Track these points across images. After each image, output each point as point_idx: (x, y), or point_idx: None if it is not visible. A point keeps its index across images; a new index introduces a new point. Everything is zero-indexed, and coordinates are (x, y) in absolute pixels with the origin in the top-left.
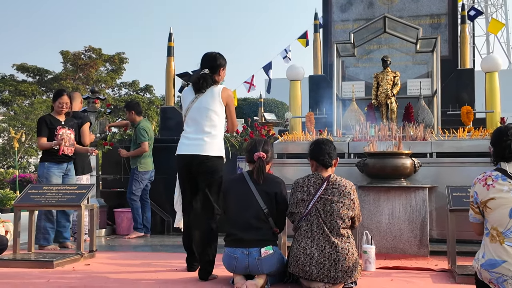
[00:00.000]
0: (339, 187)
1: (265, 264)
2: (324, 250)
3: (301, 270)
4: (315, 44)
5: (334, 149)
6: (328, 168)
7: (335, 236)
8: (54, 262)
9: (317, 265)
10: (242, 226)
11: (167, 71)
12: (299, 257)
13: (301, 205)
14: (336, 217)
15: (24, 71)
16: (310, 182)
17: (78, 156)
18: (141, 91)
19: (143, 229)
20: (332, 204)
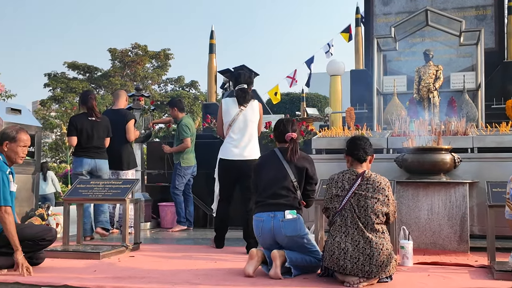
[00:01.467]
0: (373, 183)
1: (288, 226)
2: (359, 244)
3: (335, 264)
4: (357, 38)
5: (370, 145)
6: (362, 163)
7: (370, 231)
8: (100, 253)
9: (352, 259)
10: (271, 194)
11: (209, 68)
12: (334, 251)
13: (335, 200)
14: (370, 213)
15: (74, 68)
16: (345, 177)
17: (124, 152)
18: (187, 87)
19: (186, 222)
20: (366, 200)
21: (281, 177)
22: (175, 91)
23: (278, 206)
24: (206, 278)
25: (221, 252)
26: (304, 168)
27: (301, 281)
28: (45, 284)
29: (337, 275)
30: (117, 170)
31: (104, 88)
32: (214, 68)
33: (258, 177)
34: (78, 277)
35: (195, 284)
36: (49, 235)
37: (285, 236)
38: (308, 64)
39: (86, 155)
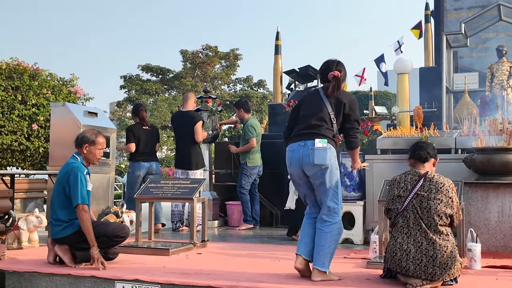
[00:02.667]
0: (436, 184)
1: (317, 154)
2: (421, 246)
3: (397, 265)
4: (426, 35)
5: (434, 149)
6: (424, 162)
7: (433, 233)
8: (170, 250)
9: (414, 261)
10: (305, 126)
11: (274, 68)
12: (396, 252)
13: (397, 201)
14: (433, 214)
15: (148, 71)
16: (407, 178)
17: (193, 152)
18: (255, 86)
19: (252, 221)
20: (428, 201)
21: (317, 110)
22: (244, 90)
23: (310, 135)
24: (270, 276)
25: (285, 251)
26: (343, 103)
27: (363, 282)
28: (118, 278)
29: (400, 277)
30: (186, 170)
31: (176, 89)
32: (279, 68)
33: (297, 113)
34: (149, 272)
35: (258, 282)
36: (123, 232)
37: (313, 164)
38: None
39: (143, 159)
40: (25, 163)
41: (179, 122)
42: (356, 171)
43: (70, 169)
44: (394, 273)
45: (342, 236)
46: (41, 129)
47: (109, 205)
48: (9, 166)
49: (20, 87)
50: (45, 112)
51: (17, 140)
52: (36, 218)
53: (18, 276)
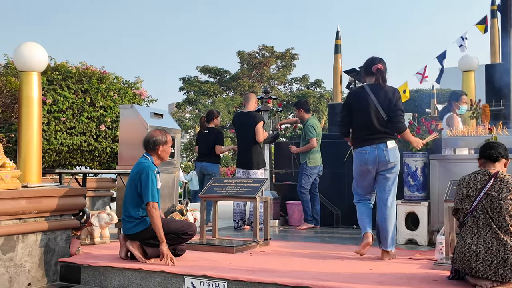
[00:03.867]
0: (507, 184)
1: (391, 154)
2: (492, 247)
3: (467, 266)
4: (493, 31)
5: (505, 149)
6: (495, 162)
7: (504, 234)
8: (234, 248)
9: (484, 262)
10: (368, 130)
11: (334, 68)
12: (465, 253)
13: (466, 201)
14: (504, 214)
15: (206, 72)
16: (477, 178)
17: (254, 152)
18: (312, 86)
19: (312, 221)
20: (499, 201)
21: (373, 114)
22: (300, 90)
23: (379, 139)
24: (334, 275)
25: (348, 250)
26: (388, 99)
27: (430, 283)
28: (187, 274)
29: (469, 278)
30: (247, 170)
31: (233, 90)
32: (339, 68)
33: (350, 114)
34: (215, 268)
35: (323, 280)
36: (191, 229)
37: (388, 161)
38: (440, 60)
39: (198, 159)
40: (94, 162)
41: (240, 123)
42: (421, 171)
43: (142, 168)
44: (463, 274)
45: (405, 237)
46: (108, 130)
47: (174, 203)
48: (79, 166)
49: (89, 90)
50: (112, 114)
51: (86, 141)
52: (108, 215)
53: (93, 270)
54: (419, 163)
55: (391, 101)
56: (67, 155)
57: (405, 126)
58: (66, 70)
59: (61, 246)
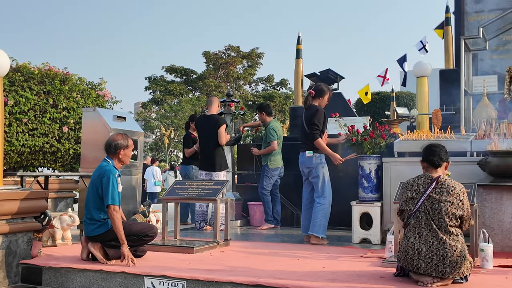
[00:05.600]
0: (448, 187)
1: (307, 161)
2: (432, 245)
3: (410, 264)
4: (447, 38)
5: (446, 152)
6: (437, 168)
7: (443, 233)
8: (194, 248)
9: (425, 259)
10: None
11: (295, 72)
12: (408, 251)
13: (410, 203)
14: (443, 215)
15: (172, 72)
16: (420, 181)
17: (217, 154)
18: (277, 86)
19: (273, 221)
20: (440, 203)
21: (302, 129)
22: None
23: (303, 148)
24: (289, 273)
25: (305, 250)
26: (310, 116)
27: (377, 279)
28: (147, 274)
29: (412, 275)
30: (210, 172)
31: (200, 90)
32: (301, 72)
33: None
34: (175, 268)
35: (277, 278)
36: (152, 231)
37: (306, 167)
38: (400, 63)
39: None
40: (56, 164)
41: (203, 126)
42: (374, 173)
43: (103, 171)
44: (407, 271)
45: (360, 236)
46: (71, 132)
47: (137, 205)
48: (41, 167)
49: (51, 91)
50: (75, 115)
51: (48, 142)
52: (69, 217)
53: (54, 272)
54: (373, 166)
55: (311, 117)
56: (29, 157)
57: (315, 137)
58: (28, 71)
59: (23, 248)
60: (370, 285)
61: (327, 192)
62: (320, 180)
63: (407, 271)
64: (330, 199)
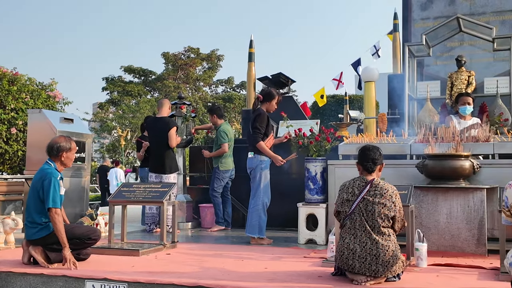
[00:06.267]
0: (381, 190)
1: (249, 161)
2: (366, 246)
3: (345, 263)
4: (395, 44)
5: (380, 155)
6: (371, 172)
7: (376, 234)
8: (140, 251)
9: (360, 259)
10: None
11: (248, 75)
12: (343, 252)
13: (346, 205)
14: (376, 217)
15: (130, 72)
16: (355, 184)
17: (167, 157)
18: (237, 88)
19: (224, 223)
20: (373, 205)
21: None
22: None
23: (249, 150)
24: (231, 274)
25: (251, 251)
26: (252, 120)
27: (316, 278)
28: (88, 277)
29: (348, 274)
30: (160, 174)
31: (158, 91)
32: (253, 76)
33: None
34: (117, 271)
35: (218, 279)
36: (95, 234)
37: (248, 167)
38: (354, 67)
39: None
40: (4, 166)
41: (153, 128)
42: (320, 175)
43: (44, 174)
44: (344, 270)
45: (306, 237)
46: (20, 133)
47: (84, 207)
48: None
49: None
50: (24, 117)
51: None
52: (12, 220)
53: None
54: (319, 168)
55: (253, 121)
56: None
57: (257, 140)
58: None
59: None
60: (307, 284)
61: (262, 194)
62: (256, 181)
63: (344, 270)
64: (265, 200)
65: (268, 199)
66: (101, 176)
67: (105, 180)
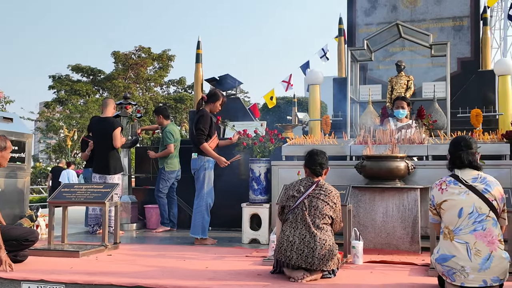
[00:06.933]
0: (325, 190)
1: (193, 162)
2: (305, 238)
3: (283, 255)
4: (340, 48)
5: (326, 159)
6: (319, 176)
7: (316, 228)
8: (80, 252)
9: (297, 251)
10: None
11: (195, 76)
12: (283, 243)
13: (291, 200)
14: (318, 213)
15: (78, 71)
16: (302, 183)
17: (111, 157)
18: (189, 88)
19: (169, 223)
20: (317, 201)
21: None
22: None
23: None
24: (171, 274)
25: (194, 251)
26: (195, 121)
27: (254, 277)
28: (24, 279)
29: (285, 270)
30: (104, 175)
31: (108, 90)
32: (200, 77)
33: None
34: (55, 272)
35: (158, 278)
36: (32, 236)
37: (192, 168)
38: (303, 69)
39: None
40: None
41: (97, 128)
42: (264, 176)
43: None
44: (282, 267)
45: (249, 237)
46: None
47: (24, 209)
48: None
49: None
50: None
51: None
52: None
53: None
54: (263, 169)
55: (196, 122)
56: None
57: (201, 142)
58: None
59: None
60: (246, 282)
61: (206, 195)
62: (200, 182)
63: (281, 264)
64: (209, 201)
65: (212, 200)
66: (54, 177)
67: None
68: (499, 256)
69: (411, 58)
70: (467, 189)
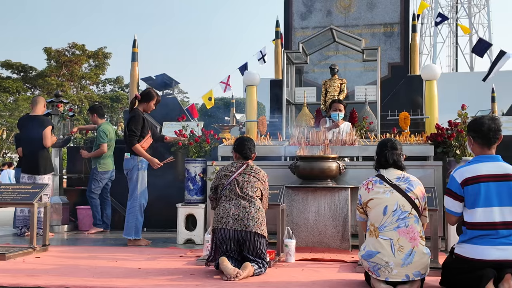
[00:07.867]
0: (255, 170)
1: (125, 162)
2: (240, 206)
3: (219, 222)
4: (276, 50)
5: (254, 145)
6: (248, 159)
7: (250, 198)
8: (6, 254)
9: (233, 216)
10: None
11: (131, 75)
12: (219, 212)
13: (224, 179)
14: (250, 186)
15: (8, 67)
16: (233, 165)
17: (41, 157)
18: (126, 88)
19: (102, 225)
20: (249, 177)
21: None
22: (115, 91)
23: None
24: (102, 275)
25: (126, 252)
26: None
27: (187, 276)
28: None
29: (220, 266)
30: (33, 175)
31: (40, 88)
32: (136, 76)
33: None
34: None
35: (88, 280)
36: None
37: (124, 169)
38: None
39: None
40: None
41: (26, 127)
42: (199, 177)
43: None
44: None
45: (185, 237)
46: None
47: None
48: None
49: None
50: None
51: None
52: None
53: None
54: (198, 169)
55: (128, 123)
56: None
57: (133, 143)
58: None
59: None
60: (178, 282)
61: (139, 195)
62: (133, 182)
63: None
64: (142, 202)
65: (146, 200)
66: None
67: None
68: (421, 252)
69: (345, 62)
70: (391, 188)
